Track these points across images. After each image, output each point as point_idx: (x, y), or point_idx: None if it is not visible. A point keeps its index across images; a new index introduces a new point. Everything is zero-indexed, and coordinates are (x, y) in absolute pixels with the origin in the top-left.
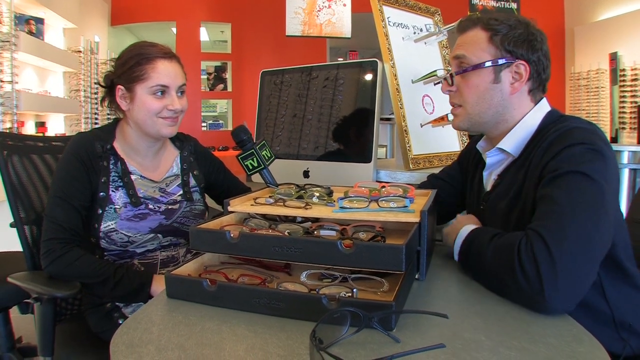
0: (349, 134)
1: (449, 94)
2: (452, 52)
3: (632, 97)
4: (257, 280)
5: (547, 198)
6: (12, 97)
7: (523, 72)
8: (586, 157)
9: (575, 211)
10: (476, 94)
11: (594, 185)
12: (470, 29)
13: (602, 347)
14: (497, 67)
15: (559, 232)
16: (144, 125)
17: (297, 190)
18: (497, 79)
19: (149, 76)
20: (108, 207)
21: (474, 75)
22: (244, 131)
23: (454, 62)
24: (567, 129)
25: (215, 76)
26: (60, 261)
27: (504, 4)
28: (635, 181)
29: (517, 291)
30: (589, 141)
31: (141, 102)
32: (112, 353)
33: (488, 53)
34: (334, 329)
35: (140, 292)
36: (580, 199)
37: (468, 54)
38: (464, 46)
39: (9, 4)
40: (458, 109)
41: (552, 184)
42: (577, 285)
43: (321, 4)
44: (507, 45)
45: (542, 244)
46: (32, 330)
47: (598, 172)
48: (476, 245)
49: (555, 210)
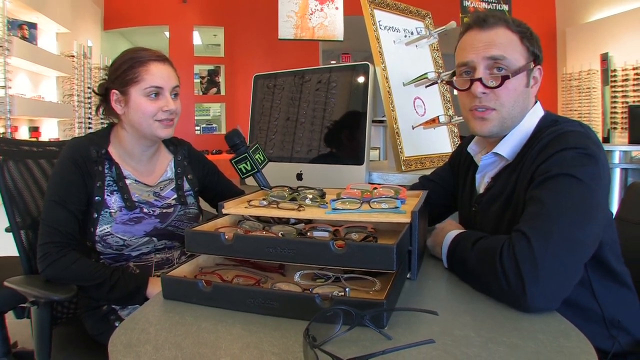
0: (342, 136)
1: (483, 96)
2: (476, 48)
3: (623, 97)
4: (252, 280)
5: (535, 200)
6: (6, 102)
7: (538, 76)
8: (578, 161)
9: (561, 213)
10: (514, 98)
11: (583, 187)
12: (497, 27)
13: (589, 342)
14: (529, 71)
15: (543, 233)
16: (139, 127)
17: (290, 192)
18: (529, 83)
19: (142, 78)
20: (103, 211)
21: (514, 78)
22: (237, 135)
23: (484, 62)
24: (561, 133)
25: (209, 80)
26: (56, 264)
27: (495, 5)
28: (626, 180)
29: (500, 291)
30: (582, 145)
31: (136, 105)
32: (111, 353)
33: (522, 56)
34: (327, 327)
35: (136, 294)
36: (568, 201)
37: (508, 56)
38: (500, 47)
39: (1, 9)
40: (491, 113)
41: (541, 186)
42: (560, 285)
43: (313, 7)
44: (535, 49)
45: (525, 243)
46: (27, 335)
47: (589, 175)
48: (460, 249)
49: (542, 212)
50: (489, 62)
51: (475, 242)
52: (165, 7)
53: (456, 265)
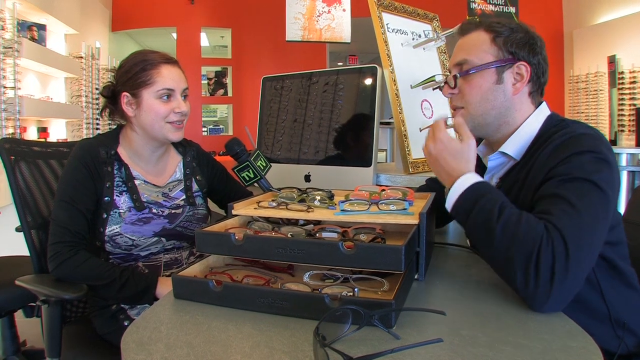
0: (350, 138)
1: (451, 97)
2: (452, 58)
3: (630, 99)
4: (262, 280)
5: (560, 198)
6: (15, 102)
7: (524, 73)
8: (595, 166)
9: (589, 220)
10: (479, 95)
11: (602, 196)
12: (472, 32)
13: (594, 343)
14: (499, 67)
15: (578, 239)
16: (151, 129)
17: (299, 193)
18: (500, 79)
19: (155, 81)
20: (113, 212)
21: (477, 76)
22: (237, 143)
23: (455, 69)
24: (574, 135)
25: (216, 81)
26: (67, 264)
27: (503, 8)
28: (634, 183)
29: (522, 283)
30: (597, 150)
31: (148, 107)
32: (123, 351)
33: (491, 54)
34: (336, 326)
35: (146, 294)
36: (592, 209)
37: (470, 57)
38: (465, 50)
39: (11, 10)
40: (460, 112)
41: (563, 186)
42: (575, 290)
43: (321, 9)
44: (510, 46)
45: (562, 248)
46: (36, 334)
47: (606, 182)
48: (482, 212)
49: (573, 215)
50: (457, 68)
51: (501, 212)
52: (172, 9)
53: (470, 223)
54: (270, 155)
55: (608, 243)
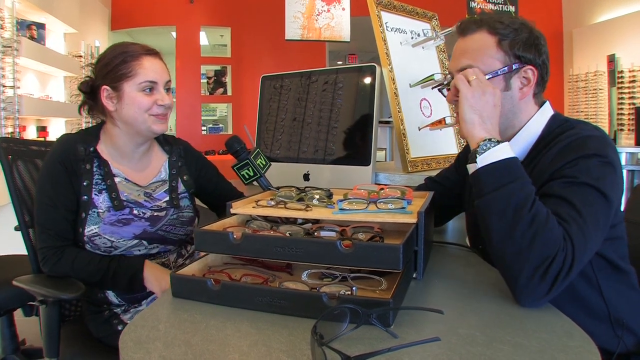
0: (348, 137)
1: (455, 103)
2: (453, 58)
3: (630, 98)
4: (260, 279)
5: (568, 202)
6: (14, 101)
7: (531, 77)
8: (602, 172)
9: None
10: None
11: (606, 204)
12: (474, 32)
13: (592, 341)
14: (507, 74)
15: (582, 248)
16: (134, 123)
17: (297, 192)
18: (508, 86)
19: (137, 72)
20: (91, 211)
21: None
22: (237, 142)
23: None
24: (581, 137)
25: (215, 80)
26: (57, 266)
27: (502, 7)
28: (633, 182)
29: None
30: (603, 153)
31: (130, 100)
32: (121, 349)
33: (497, 60)
34: (334, 325)
35: (134, 281)
36: (595, 217)
37: (475, 64)
38: (470, 55)
39: (10, 9)
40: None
41: (570, 189)
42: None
43: (320, 8)
44: (517, 50)
45: (571, 257)
46: (35, 333)
47: (611, 188)
48: (518, 193)
49: (580, 223)
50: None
51: (534, 202)
52: (172, 8)
53: (497, 192)
54: (270, 154)
55: (608, 239)
